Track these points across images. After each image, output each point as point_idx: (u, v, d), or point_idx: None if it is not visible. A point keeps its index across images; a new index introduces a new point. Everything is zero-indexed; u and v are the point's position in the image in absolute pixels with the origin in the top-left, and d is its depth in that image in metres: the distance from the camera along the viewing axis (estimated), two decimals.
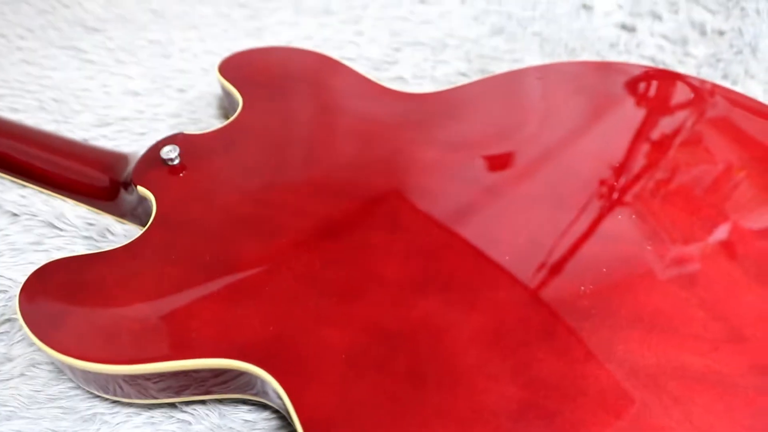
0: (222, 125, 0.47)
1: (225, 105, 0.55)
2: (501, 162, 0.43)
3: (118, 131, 0.54)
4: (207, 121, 0.54)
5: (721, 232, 0.37)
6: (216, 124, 0.53)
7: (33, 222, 0.46)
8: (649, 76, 0.49)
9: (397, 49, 0.61)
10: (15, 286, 0.42)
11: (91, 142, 0.52)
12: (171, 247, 0.38)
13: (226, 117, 0.54)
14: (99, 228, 0.46)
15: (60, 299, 0.36)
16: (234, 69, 0.51)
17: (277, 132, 0.46)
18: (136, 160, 0.45)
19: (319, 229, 0.39)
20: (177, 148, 0.43)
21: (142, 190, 0.42)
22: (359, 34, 0.63)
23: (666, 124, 0.45)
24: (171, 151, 0.43)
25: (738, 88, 0.57)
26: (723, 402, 0.30)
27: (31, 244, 0.45)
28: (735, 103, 0.46)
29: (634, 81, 0.49)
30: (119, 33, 0.65)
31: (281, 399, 0.32)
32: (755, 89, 0.57)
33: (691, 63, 0.60)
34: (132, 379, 0.34)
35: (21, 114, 0.56)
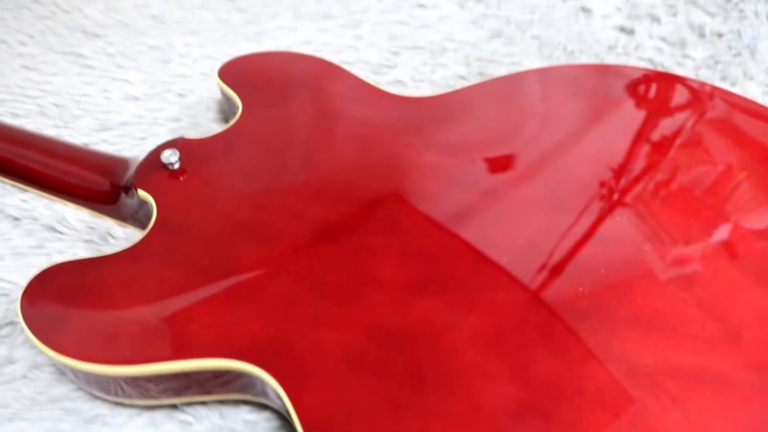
0: (222, 130, 0.47)
1: (225, 109, 0.55)
2: (500, 165, 0.43)
3: (118, 136, 0.54)
4: (207, 126, 0.55)
5: (721, 233, 0.38)
6: (216, 128, 0.54)
7: (34, 226, 0.47)
8: (648, 78, 0.50)
9: (396, 53, 0.62)
10: (17, 289, 0.43)
11: (92, 146, 0.52)
12: (171, 251, 0.38)
13: (225, 121, 0.55)
14: (100, 231, 0.46)
15: (61, 302, 0.36)
16: (233, 73, 0.52)
17: (277, 136, 0.46)
18: (136, 164, 0.45)
19: (318, 233, 0.39)
20: (177, 152, 0.43)
21: (142, 193, 0.42)
22: (358, 38, 0.64)
23: (665, 126, 0.45)
24: (171, 156, 0.43)
25: (737, 89, 0.57)
26: (720, 401, 0.30)
27: (33, 248, 0.45)
28: (734, 106, 0.46)
29: (633, 83, 0.49)
30: (119, 38, 0.65)
31: (281, 400, 0.32)
32: (754, 91, 0.57)
33: (690, 65, 0.60)
34: (133, 381, 0.34)
35: (22, 119, 0.56)
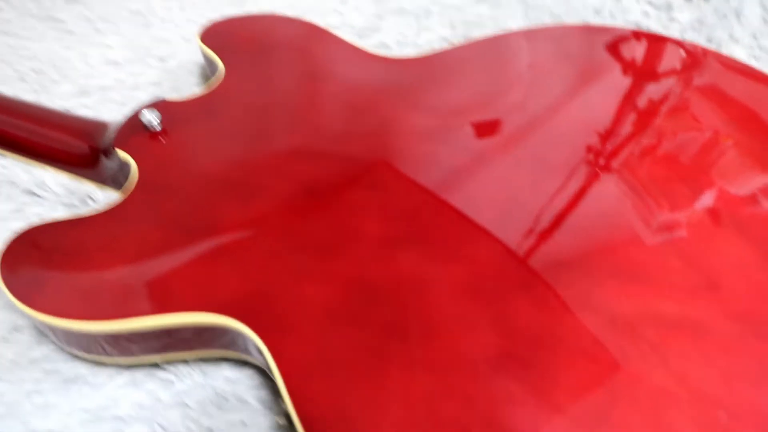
0: (204, 92, 0.46)
1: (207, 74, 0.54)
2: (484, 125, 0.43)
3: (98, 101, 0.53)
4: (188, 90, 0.54)
5: (703, 190, 0.38)
6: (198, 92, 0.53)
7: (13, 190, 0.46)
8: (638, 39, 0.49)
9: (381, 17, 0.61)
10: None
11: (72, 112, 0.52)
12: (152, 211, 0.38)
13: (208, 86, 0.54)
14: (80, 195, 0.45)
15: (41, 263, 0.36)
16: (216, 36, 0.51)
17: (260, 98, 0.46)
18: (116, 127, 0.44)
19: (300, 190, 0.39)
20: (158, 113, 0.43)
21: (123, 155, 0.42)
22: (343, 2, 0.63)
23: (655, 85, 0.45)
24: (152, 117, 0.43)
25: (722, 52, 0.57)
26: (699, 348, 0.30)
27: (12, 212, 0.45)
28: (727, 67, 0.46)
29: (622, 44, 0.49)
30: (98, 3, 0.64)
31: (262, 354, 0.32)
32: (739, 53, 0.57)
33: (676, 28, 0.60)
34: (114, 340, 0.34)
35: (0, 85, 0.55)
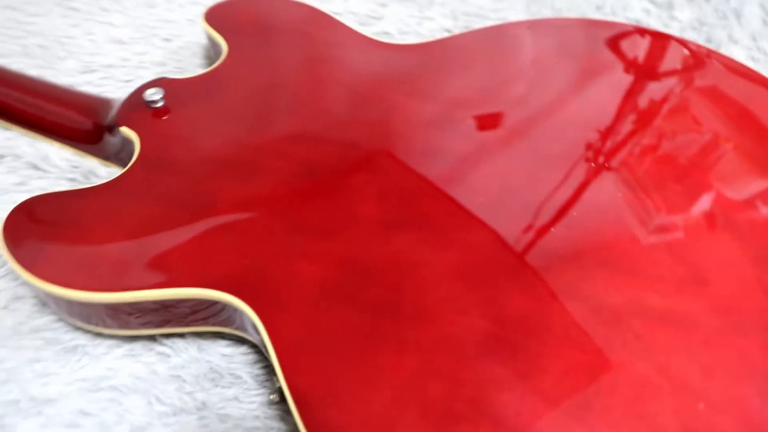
0: (206, 71, 0.47)
1: (210, 55, 0.55)
2: (484, 115, 0.43)
3: (103, 78, 0.54)
4: (192, 71, 0.54)
5: (695, 187, 0.38)
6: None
7: (18, 163, 0.47)
8: (641, 35, 0.50)
9: (384, 5, 0.61)
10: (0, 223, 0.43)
11: (77, 88, 0.52)
12: (152, 185, 0.39)
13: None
14: (83, 170, 0.46)
15: (43, 232, 0.36)
16: (220, 17, 0.52)
17: (262, 79, 0.46)
18: (119, 104, 0.45)
19: (299, 171, 0.39)
20: (161, 91, 0.44)
21: (125, 131, 0.42)
22: None
23: (656, 84, 0.45)
24: (155, 94, 0.43)
25: (721, 52, 0.57)
26: (682, 340, 0.31)
27: (16, 185, 0.46)
28: (729, 68, 0.46)
29: (625, 40, 0.49)
30: None
31: (257, 330, 0.33)
32: (738, 54, 0.57)
33: (676, 26, 0.60)
34: (113, 313, 0.35)
35: (5, 59, 0.55)
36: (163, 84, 0.45)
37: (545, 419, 0.29)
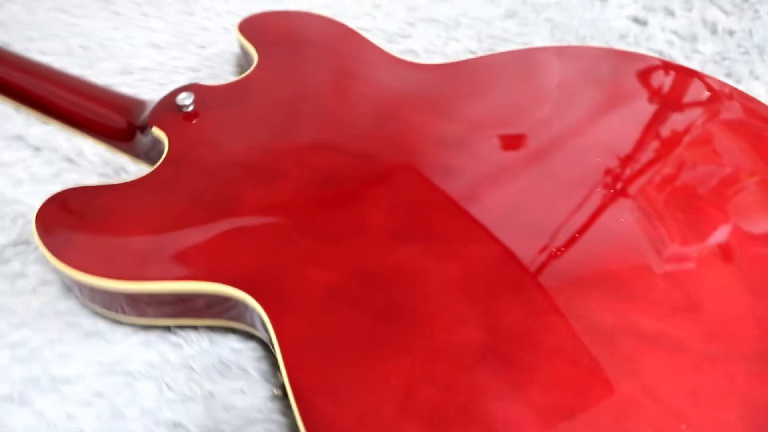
0: (236, 79, 0.49)
1: (242, 63, 0.57)
2: (501, 137, 0.45)
3: (139, 80, 0.57)
4: (224, 78, 0.57)
5: (699, 217, 0.39)
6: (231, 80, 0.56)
7: (54, 156, 0.50)
8: (668, 70, 0.50)
9: (412, 24, 0.63)
10: (33, 211, 0.45)
11: (114, 88, 0.55)
12: (178, 184, 0.41)
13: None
14: (114, 166, 0.49)
15: (73, 222, 0.39)
16: (253, 28, 0.54)
17: (289, 90, 0.49)
18: (152, 105, 0.47)
19: (317, 180, 0.41)
20: (192, 95, 0.46)
21: (156, 131, 0.45)
22: (377, 6, 0.66)
23: (677, 120, 0.46)
24: (186, 98, 0.46)
25: (741, 87, 0.58)
26: (670, 363, 0.32)
27: (51, 176, 0.48)
28: (749, 111, 0.46)
29: (651, 74, 0.50)
30: None
31: (265, 327, 0.34)
32: (758, 90, 0.58)
33: (697, 59, 0.61)
34: (132, 301, 0.37)
35: (49, 57, 0.59)
36: (195, 89, 0.47)
37: (531, 429, 0.30)
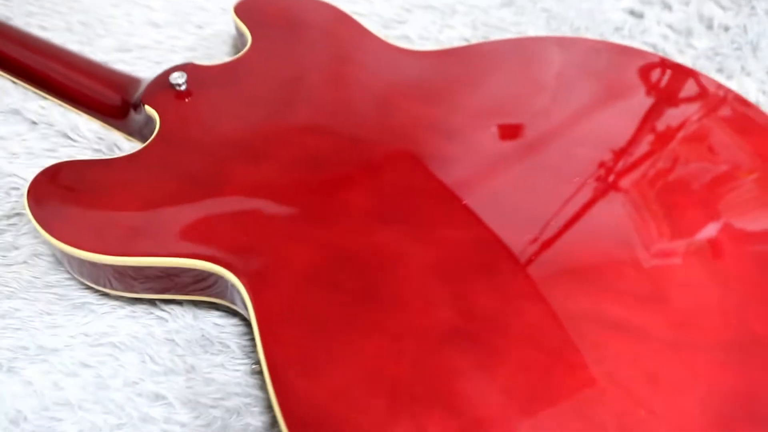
0: (230, 60, 0.50)
1: (238, 44, 0.58)
2: (492, 123, 0.45)
3: (136, 58, 0.57)
4: (220, 58, 0.58)
5: (677, 211, 0.40)
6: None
7: (49, 131, 0.51)
8: (665, 68, 0.51)
9: (408, 10, 0.64)
10: (27, 184, 0.46)
11: (110, 65, 0.56)
12: (168, 161, 0.42)
13: None
14: (108, 142, 0.50)
15: (64, 195, 0.40)
16: (249, 9, 0.55)
17: (282, 72, 0.49)
18: (147, 83, 0.48)
19: (306, 161, 0.42)
20: (185, 75, 0.47)
21: (149, 109, 0.46)
22: None
23: (671, 116, 0.46)
24: (179, 77, 0.47)
25: (732, 83, 0.59)
26: (633, 351, 0.33)
27: (46, 150, 0.49)
28: (738, 113, 0.46)
29: (649, 70, 0.50)
30: None
31: (245, 303, 0.36)
32: (749, 86, 0.59)
33: (690, 53, 0.62)
34: (119, 275, 0.38)
35: (49, 32, 0.59)
36: (188, 69, 0.48)
37: (494, 409, 0.31)
